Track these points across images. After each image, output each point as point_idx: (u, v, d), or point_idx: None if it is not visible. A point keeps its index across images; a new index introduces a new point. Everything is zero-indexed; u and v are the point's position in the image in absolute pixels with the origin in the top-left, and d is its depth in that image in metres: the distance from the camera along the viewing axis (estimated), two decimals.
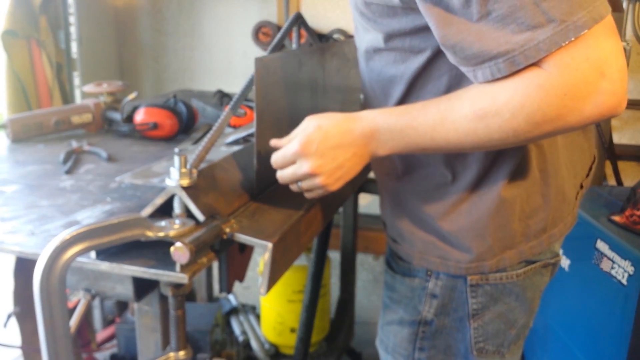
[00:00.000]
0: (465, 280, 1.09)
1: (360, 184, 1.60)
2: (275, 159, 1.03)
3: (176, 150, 0.94)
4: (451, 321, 1.14)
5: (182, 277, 0.85)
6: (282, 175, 1.04)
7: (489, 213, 1.05)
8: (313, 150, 0.99)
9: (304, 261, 2.46)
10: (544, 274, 1.16)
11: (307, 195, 1.05)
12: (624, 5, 2.64)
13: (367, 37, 1.12)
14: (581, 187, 1.19)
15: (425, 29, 0.96)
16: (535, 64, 0.83)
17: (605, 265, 1.77)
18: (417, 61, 1.03)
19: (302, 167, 1.00)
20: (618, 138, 2.86)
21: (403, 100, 1.07)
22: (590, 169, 1.23)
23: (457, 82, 1.00)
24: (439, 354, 1.16)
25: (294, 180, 1.03)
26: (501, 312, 1.13)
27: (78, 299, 1.09)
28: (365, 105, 1.19)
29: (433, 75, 1.03)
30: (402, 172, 1.12)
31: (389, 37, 1.04)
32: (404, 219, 1.15)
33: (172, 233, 0.88)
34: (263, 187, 1.12)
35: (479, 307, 1.11)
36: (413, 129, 0.95)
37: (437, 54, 1.00)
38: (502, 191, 1.04)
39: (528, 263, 1.11)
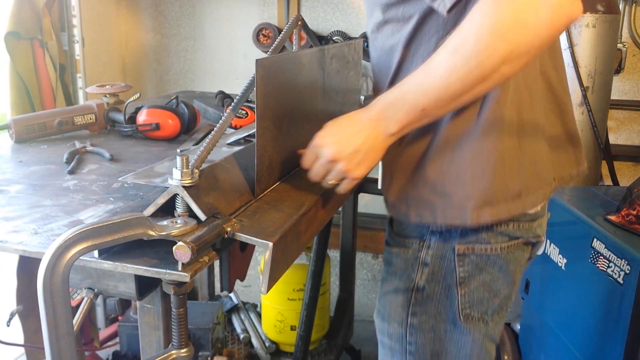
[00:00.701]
0: (453, 250, 1.18)
1: (359, 184, 1.61)
2: (304, 159, 1.15)
3: (178, 150, 0.95)
4: (440, 288, 1.22)
5: (184, 276, 0.85)
6: (311, 172, 1.14)
7: (468, 160, 1.13)
8: (329, 140, 1.10)
9: (304, 260, 2.47)
10: (525, 250, 1.25)
11: (338, 189, 1.15)
12: (620, 7, 2.65)
13: (372, 18, 1.23)
14: (556, 181, 1.26)
15: None
16: None
17: (601, 264, 1.78)
18: (408, 28, 1.14)
19: (323, 156, 1.10)
20: (614, 138, 2.87)
21: (401, 66, 1.18)
22: (572, 177, 1.30)
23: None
24: (430, 319, 1.24)
25: (322, 173, 1.13)
26: (485, 281, 1.21)
27: (81, 298, 1.10)
28: (374, 87, 1.30)
29: (423, 39, 1.13)
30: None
31: (386, 8, 1.16)
32: (398, 181, 1.25)
33: (174, 232, 0.89)
34: (264, 187, 1.13)
35: (465, 275, 1.19)
36: (408, 93, 1.04)
37: (424, 19, 1.11)
38: (479, 143, 1.11)
39: (511, 238, 1.19)
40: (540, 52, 0.97)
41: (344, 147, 1.09)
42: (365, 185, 2.46)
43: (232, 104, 1.12)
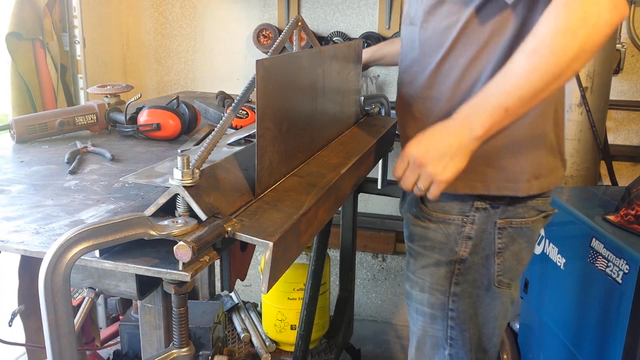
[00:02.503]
0: (495, 224, 1.35)
1: (359, 183, 1.62)
2: (395, 168, 1.28)
3: (179, 150, 0.96)
4: (479, 259, 1.38)
5: (185, 275, 0.85)
6: (402, 180, 1.27)
7: (524, 136, 1.29)
8: (417, 147, 1.23)
9: (304, 259, 2.48)
10: (543, 223, 1.43)
11: (429, 194, 1.24)
12: None
13: (425, 1, 1.34)
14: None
15: None
16: None
17: (600, 264, 1.78)
18: (468, 10, 1.26)
19: (413, 163, 1.23)
20: (613, 138, 2.88)
21: (453, 46, 1.31)
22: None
23: (499, 28, 1.25)
24: (468, 287, 1.39)
25: (412, 179, 1.25)
26: (515, 251, 1.38)
27: (82, 297, 1.11)
28: (409, 72, 1.43)
29: (479, 22, 1.26)
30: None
31: None
32: None
33: (174, 232, 0.89)
34: (264, 187, 1.13)
35: (502, 246, 1.36)
36: (490, 96, 1.16)
37: (484, 4, 1.25)
38: (534, 122, 1.29)
39: (538, 212, 1.38)
40: (599, 47, 1.10)
41: (430, 152, 1.21)
42: (365, 185, 2.47)
43: (233, 104, 1.13)
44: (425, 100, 1.39)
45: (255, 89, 1.05)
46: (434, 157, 1.21)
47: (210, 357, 1.85)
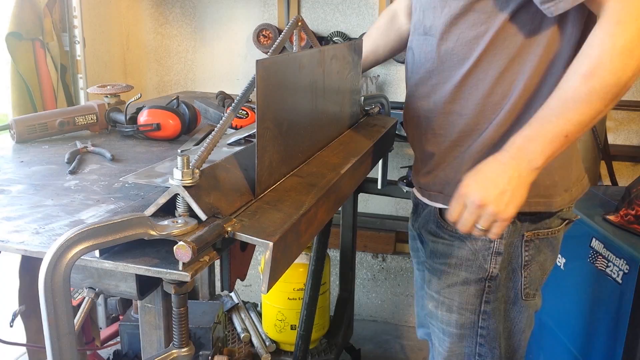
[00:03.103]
0: (522, 236, 1.30)
1: (359, 183, 1.62)
2: (451, 213, 1.19)
3: (179, 150, 0.95)
4: (506, 273, 1.33)
5: (185, 275, 0.85)
6: (460, 222, 1.18)
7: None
8: (474, 187, 1.15)
9: (304, 259, 2.48)
10: (566, 229, 1.39)
11: (491, 235, 1.17)
12: None
13: (445, 11, 1.27)
14: None
15: None
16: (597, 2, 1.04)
17: (600, 263, 1.78)
18: (498, 20, 1.20)
19: (471, 204, 1.14)
20: (613, 139, 2.88)
21: (481, 58, 1.24)
22: None
23: (531, 37, 1.19)
24: (500, 304, 1.34)
25: (471, 220, 1.16)
26: (541, 261, 1.35)
27: (82, 297, 1.11)
28: (426, 84, 1.36)
29: (510, 32, 1.20)
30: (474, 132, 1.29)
31: (473, 1, 1.21)
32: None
33: (174, 232, 0.89)
34: (264, 187, 1.13)
35: (529, 259, 1.32)
36: (548, 123, 1.10)
37: (516, 13, 1.18)
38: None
39: (563, 221, 1.35)
40: None
41: (490, 191, 1.13)
42: (365, 185, 2.47)
43: (233, 104, 1.13)
44: (447, 115, 1.33)
45: (255, 89, 1.05)
46: (495, 195, 1.13)
47: (210, 357, 1.85)
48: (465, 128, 1.30)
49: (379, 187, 2.38)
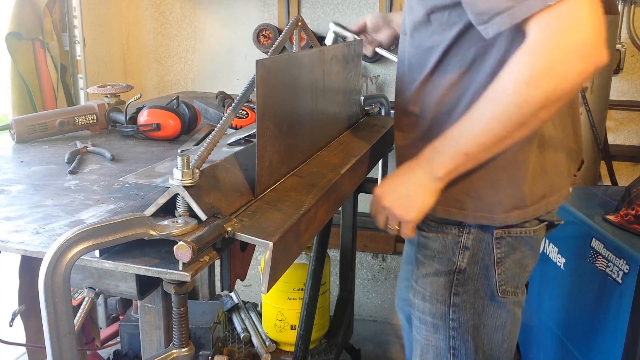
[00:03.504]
0: (492, 234, 1.31)
1: (359, 183, 1.62)
2: (370, 210, 1.33)
3: (179, 150, 0.96)
4: (479, 269, 1.35)
5: (185, 275, 0.85)
6: (376, 222, 1.32)
7: (502, 168, 1.25)
8: (382, 189, 1.29)
9: (304, 259, 2.48)
10: (548, 230, 1.41)
11: (402, 234, 1.29)
12: (619, 7, 2.66)
13: (411, 15, 1.31)
14: (574, 175, 1.45)
15: (460, 5, 1.15)
16: (524, 28, 1.03)
17: (600, 264, 1.78)
18: (451, 33, 1.22)
19: (380, 206, 1.28)
20: (613, 139, 2.88)
21: (437, 67, 1.27)
22: (580, 167, 1.48)
23: (482, 53, 1.20)
24: (470, 297, 1.37)
25: (382, 220, 1.31)
26: (517, 259, 1.35)
27: (82, 297, 1.11)
28: (403, 80, 1.40)
29: (463, 46, 1.22)
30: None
31: (431, 10, 1.23)
32: None
33: (174, 232, 0.89)
34: (264, 187, 1.13)
35: (502, 256, 1.33)
36: (451, 139, 1.17)
37: (467, 28, 1.19)
38: (512, 154, 1.23)
39: (540, 222, 1.35)
40: (573, 95, 1.09)
41: (393, 194, 1.26)
42: (365, 185, 2.46)
43: (233, 104, 1.13)
44: (409, 115, 1.38)
45: (255, 89, 1.05)
46: (396, 198, 1.26)
47: (210, 357, 1.85)
48: (422, 129, 1.34)
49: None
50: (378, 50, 1.89)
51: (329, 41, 1.92)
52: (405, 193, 1.25)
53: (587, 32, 0.99)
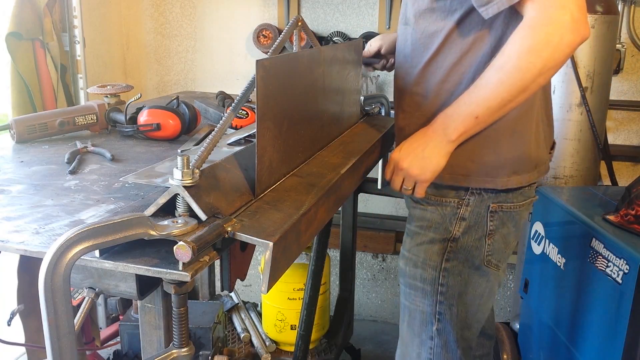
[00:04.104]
0: (488, 207, 1.47)
1: (359, 183, 1.62)
2: (385, 173, 1.48)
3: (179, 150, 0.96)
4: (473, 240, 1.49)
5: (185, 275, 0.85)
6: (391, 183, 1.46)
7: (505, 137, 1.41)
8: (398, 152, 1.43)
9: (304, 259, 2.48)
10: (529, 208, 1.59)
11: (415, 194, 1.43)
12: (619, 7, 2.66)
13: (418, 3, 1.45)
14: (550, 153, 1.62)
15: None
16: (520, 9, 1.23)
17: (600, 264, 1.78)
18: (453, 18, 1.37)
19: (395, 166, 1.43)
20: (613, 139, 2.88)
21: (439, 50, 1.42)
22: (552, 148, 1.65)
23: (479, 39, 1.36)
24: (459, 264, 1.51)
25: (398, 181, 1.44)
26: (504, 234, 1.51)
27: (82, 297, 1.10)
28: (402, 68, 1.55)
29: (464, 30, 1.38)
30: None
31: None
32: None
33: (174, 232, 0.89)
34: (264, 187, 1.13)
35: (493, 228, 1.49)
36: (463, 105, 1.32)
37: (468, 14, 1.35)
38: (515, 124, 1.40)
39: (525, 198, 1.51)
40: (562, 65, 1.25)
41: (410, 157, 1.39)
42: (365, 185, 2.47)
43: (233, 104, 1.13)
44: (413, 96, 1.50)
45: (255, 89, 1.05)
46: (413, 160, 1.39)
47: (210, 357, 1.86)
48: (426, 108, 1.46)
49: (379, 187, 2.38)
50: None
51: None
52: (422, 155, 1.38)
53: (574, 11, 1.19)
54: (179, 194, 0.95)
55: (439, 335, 1.56)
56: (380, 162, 2.14)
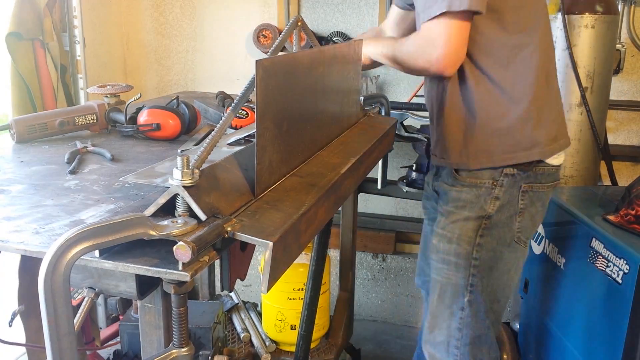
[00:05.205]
0: (519, 187, 1.62)
1: (359, 183, 1.62)
2: None
3: (179, 150, 0.95)
4: (505, 218, 1.64)
5: (184, 275, 0.85)
6: None
7: (524, 114, 1.59)
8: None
9: (304, 259, 2.47)
10: (552, 191, 1.72)
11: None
12: (619, 7, 2.66)
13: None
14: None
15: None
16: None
17: (600, 264, 1.78)
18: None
19: None
20: (613, 139, 2.88)
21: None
22: None
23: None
24: (492, 240, 1.65)
25: None
26: (532, 213, 1.66)
27: (82, 297, 1.10)
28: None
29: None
30: (470, 111, 1.64)
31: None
32: (456, 144, 1.68)
33: (174, 232, 0.89)
34: (264, 187, 1.13)
35: (523, 207, 1.63)
36: (381, 46, 1.73)
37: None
38: (531, 99, 1.59)
39: (552, 180, 1.67)
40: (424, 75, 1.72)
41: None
42: (365, 185, 2.47)
43: (233, 104, 1.13)
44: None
45: (255, 89, 1.05)
46: None
47: (210, 357, 1.85)
48: (460, 118, 1.66)
49: (379, 187, 2.38)
50: None
51: None
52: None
53: (441, 51, 1.49)
54: (178, 194, 0.95)
55: (470, 306, 1.68)
56: (381, 162, 2.14)
